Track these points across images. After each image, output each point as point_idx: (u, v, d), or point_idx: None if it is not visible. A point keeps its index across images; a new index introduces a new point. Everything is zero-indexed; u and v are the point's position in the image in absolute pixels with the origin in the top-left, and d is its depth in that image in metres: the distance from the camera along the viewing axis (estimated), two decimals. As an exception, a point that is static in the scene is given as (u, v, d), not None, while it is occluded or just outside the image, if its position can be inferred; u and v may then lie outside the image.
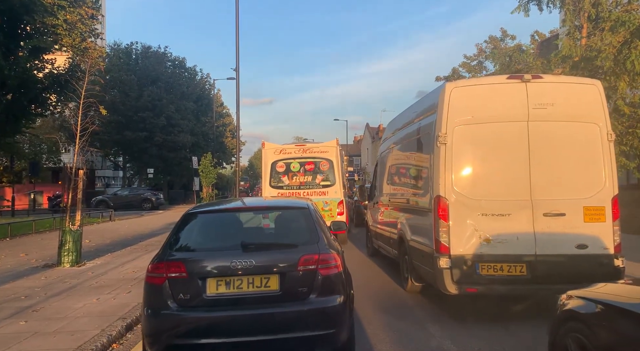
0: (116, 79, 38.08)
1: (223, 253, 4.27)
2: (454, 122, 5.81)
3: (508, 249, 5.60)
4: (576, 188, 5.75)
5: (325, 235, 4.57)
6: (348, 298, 4.29)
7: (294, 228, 4.86)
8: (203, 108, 45.12)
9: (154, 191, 35.74)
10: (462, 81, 6.13)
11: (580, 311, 3.48)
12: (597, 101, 5.85)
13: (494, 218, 5.67)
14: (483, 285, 5.61)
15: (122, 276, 8.54)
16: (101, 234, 16.14)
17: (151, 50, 41.13)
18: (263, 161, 13.47)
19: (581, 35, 9.70)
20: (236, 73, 19.32)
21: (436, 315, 6.14)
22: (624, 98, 9.13)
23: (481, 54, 52.74)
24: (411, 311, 6.39)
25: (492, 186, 5.81)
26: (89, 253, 11.40)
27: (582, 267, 5.57)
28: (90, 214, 23.80)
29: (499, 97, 5.90)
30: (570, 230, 5.63)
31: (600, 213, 5.71)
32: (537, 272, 5.55)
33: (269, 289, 4.05)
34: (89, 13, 15.13)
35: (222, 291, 4.04)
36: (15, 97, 17.34)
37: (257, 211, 5.73)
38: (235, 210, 5.38)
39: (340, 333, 4.09)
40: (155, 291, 4.07)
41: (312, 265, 4.10)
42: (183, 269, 4.05)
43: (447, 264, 5.63)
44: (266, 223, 5.60)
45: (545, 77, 6.08)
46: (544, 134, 5.76)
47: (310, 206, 5.02)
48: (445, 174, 5.78)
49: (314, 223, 4.65)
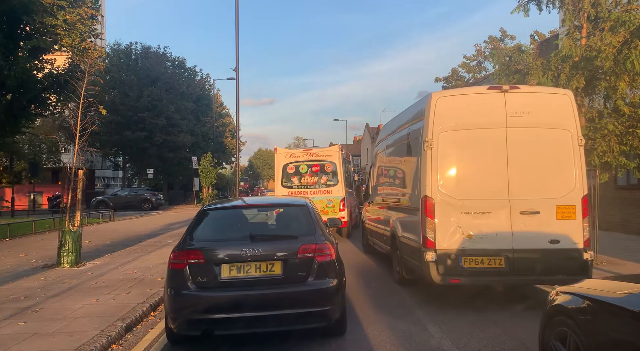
0: (116, 79, 38.04)
1: (234, 243, 4.98)
2: (439, 128, 6.38)
3: (488, 244, 6.15)
4: (549, 188, 6.30)
5: (321, 228, 5.26)
6: (341, 282, 5.00)
7: (294, 222, 5.57)
8: (203, 108, 45.07)
9: (153, 192, 35.68)
10: (447, 91, 6.93)
11: (568, 305, 3.63)
12: (569, 110, 6.39)
13: (475, 215, 6.23)
14: (465, 277, 6.17)
15: (122, 277, 8.53)
16: (101, 234, 16.14)
17: (151, 51, 41.06)
18: (275, 164, 15.19)
19: (581, 35, 9.69)
20: (236, 73, 19.31)
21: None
22: (624, 98, 9.12)
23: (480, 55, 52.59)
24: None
25: (474, 186, 6.36)
26: (88, 253, 11.39)
27: (555, 260, 6.15)
28: (90, 214, 23.80)
29: (480, 106, 6.47)
30: (544, 227, 6.17)
31: (571, 211, 6.23)
32: (515, 265, 6.09)
33: (274, 273, 4.76)
34: (89, 13, 15.06)
35: (234, 275, 4.72)
36: (14, 98, 17.27)
37: (262, 208, 6.65)
38: (244, 207, 6.16)
39: (333, 310, 4.83)
40: (177, 275, 4.74)
41: (310, 253, 4.80)
42: (201, 256, 4.74)
43: (433, 257, 6.18)
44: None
45: (522, 88, 6.63)
46: (520, 139, 6.31)
47: (308, 204, 5.73)
48: (431, 176, 6.34)
49: (312, 218, 5.36)
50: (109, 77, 38.28)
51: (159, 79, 39.24)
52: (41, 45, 15.91)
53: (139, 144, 37.63)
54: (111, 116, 36.94)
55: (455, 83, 47.99)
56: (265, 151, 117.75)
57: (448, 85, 50.47)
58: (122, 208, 31.92)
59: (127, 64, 39.18)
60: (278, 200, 7.40)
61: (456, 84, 48.04)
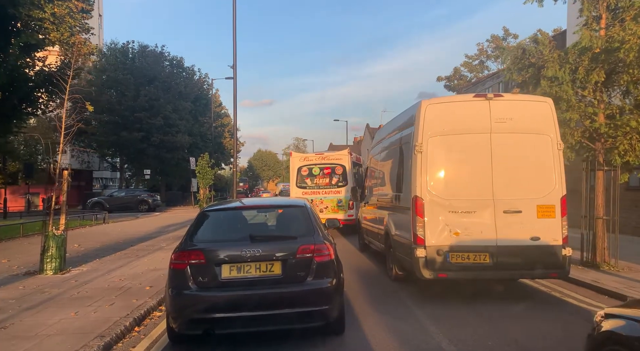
0: (112, 79, 37.28)
1: (234, 244, 4.99)
2: (429, 133, 6.84)
3: (474, 241, 6.59)
4: (531, 189, 6.73)
5: (319, 229, 5.29)
6: (339, 281, 5.03)
7: (293, 223, 5.57)
8: (201, 108, 44.32)
9: (150, 193, 35.02)
10: (435, 99, 7.26)
11: (622, 332, 3.09)
12: (549, 116, 6.85)
13: (462, 214, 6.67)
14: (453, 271, 6.60)
15: (108, 285, 7.89)
16: (93, 237, 15.50)
17: (148, 50, 40.33)
18: (290, 166, 16.69)
19: (599, 26, 9.06)
20: (234, 71, 18.70)
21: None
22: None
23: (483, 54, 51.96)
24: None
25: (460, 187, 6.81)
26: (76, 258, 10.76)
27: (536, 256, 6.59)
28: (84, 216, 23.20)
29: (467, 112, 6.92)
30: (526, 225, 6.59)
31: (551, 211, 6.65)
32: (498, 260, 6.54)
33: (273, 273, 4.80)
34: (79, 7, 14.45)
35: (234, 275, 4.76)
36: (5, 96, 16.70)
37: (261, 209, 6.63)
38: (244, 208, 6.08)
39: (332, 309, 4.89)
40: (179, 275, 4.77)
41: (309, 254, 4.84)
42: (202, 257, 4.76)
43: (423, 253, 6.61)
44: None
45: (505, 96, 7.09)
46: (504, 144, 6.76)
47: (307, 205, 5.75)
48: (421, 178, 6.77)
49: (310, 218, 5.38)
50: (106, 77, 37.65)
51: (156, 78, 38.51)
52: (31, 42, 15.37)
53: (136, 144, 36.93)
54: (107, 116, 36.33)
55: (458, 82, 47.43)
56: (264, 152, 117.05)
57: (450, 84, 49.90)
58: (118, 210, 31.37)
59: (123, 63, 38.35)
60: (276, 201, 7.54)
61: (458, 83, 47.50)
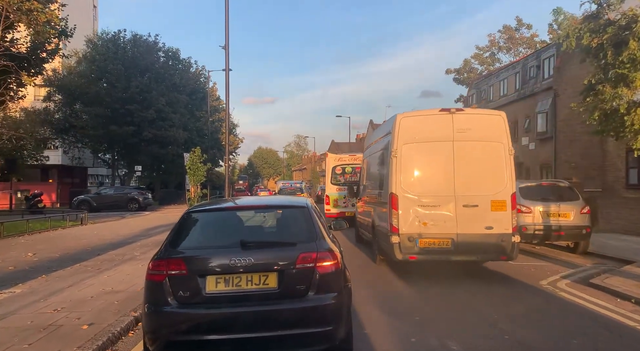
0: (102, 69, 35.11)
1: (222, 251, 4.33)
2: (402, 141, 8.22)
3: (438, 229, 7.89)
4: (486, 187, 7.99)
5: (323, 233, 4.65)
6: (346, 295, 4.39)
7: (292, 227, 4.93)
8: (198, 102, 42.08)
9: (141, 191, 32.83)
10: (408, 112, 8.50)
11: None
12: (502, 127, 8.12)
13: (429, 208, 8.02)
14: (421, 254, 7.98)
15: (31, 321, 5.70)
16: (58, 242, 13.36)
17: (141, 39, 38.10)
18: (326, 166, 19.08)
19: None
20: (225, 52, 16.51)
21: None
22: None
23: (494, 45, 49.44)
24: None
25: (428, 186, 8.16)
26: (18, 273, 8.65)
27: (490, 242, 7.88)
28: (66, 215, 21.02)
29: (434, 124, 8.24)
30: (482, 216, 7.85)
31: (503, 205, 7.86)
32: (458, 246, 7.84)
33: (268, 286, 4.17)
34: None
35: (221, 288, 4.14)
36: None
37: (257, 210, 5.64)
38: (234, 209, 5.40)
39: (337, 330, 4.20)
40: (156, 288, 4.16)
41: (310, 263, 4.19)
42: (183, 267, 4.14)
43: (397, 240, 8.02)
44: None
45: (465, 110, 8.62)
46: (464, 150, 8.04)
47: (308, 205, 5.08)
48: (396, 178, 8.15)
49: (313, 221, 4.72)
50: (95, 67, 35.49)
51: (148, 69, 36.31)
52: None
53: (127, 139, 34.78)
54: (96, 108, 34.19)
55: (467, 75, 45.07)
56: (265, 150, 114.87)
57: (459, 77, 47.52)
58: (106, 208, 29.38)
59: (114, 52, 36.13)
60: (273, 201, 7.11)
61: (468, 76, 45.15)
